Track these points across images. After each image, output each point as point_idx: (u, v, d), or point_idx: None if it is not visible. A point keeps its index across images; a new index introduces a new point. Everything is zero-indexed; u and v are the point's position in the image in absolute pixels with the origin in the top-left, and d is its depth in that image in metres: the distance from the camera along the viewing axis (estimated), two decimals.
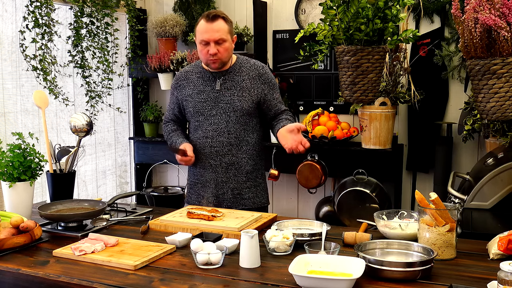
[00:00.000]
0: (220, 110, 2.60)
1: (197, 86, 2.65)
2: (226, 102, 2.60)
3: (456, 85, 3.66)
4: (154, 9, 4.45)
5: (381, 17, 2.41)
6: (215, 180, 2.64)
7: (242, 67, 2.64)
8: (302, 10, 4.00)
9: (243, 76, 2.62)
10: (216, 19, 2.50)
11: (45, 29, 3.29)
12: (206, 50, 2.52)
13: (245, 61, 2.68)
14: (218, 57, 2.52)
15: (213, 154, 2.63)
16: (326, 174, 3.73)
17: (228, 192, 2.64)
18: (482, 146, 3.60)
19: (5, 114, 3.30)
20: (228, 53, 2.56)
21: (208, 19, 2.50)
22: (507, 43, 2.04)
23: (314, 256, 1.77)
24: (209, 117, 2.62)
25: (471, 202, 2.66)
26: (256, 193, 2.70)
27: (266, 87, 2.64)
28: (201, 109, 2.62)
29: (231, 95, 2.59)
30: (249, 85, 2.61)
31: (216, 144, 2.62)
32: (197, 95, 2.64)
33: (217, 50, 2.50)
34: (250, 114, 2.62)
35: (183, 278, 1.72)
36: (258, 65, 2.68)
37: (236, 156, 2.62)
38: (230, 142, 2.61)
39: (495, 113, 2.15)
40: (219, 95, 2.60)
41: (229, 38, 2.54)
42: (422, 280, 1.67)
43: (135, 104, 4.40)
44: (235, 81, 2.61)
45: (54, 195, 2.49)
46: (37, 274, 1.77)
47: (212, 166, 2.64)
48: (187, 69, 2.73)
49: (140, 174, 4.43)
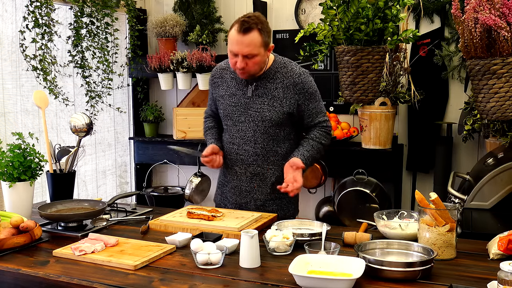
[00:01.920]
0: (248, 117, 2.47)
1: (230, 87, 2.53)
2: (255, 110, 2.46)
3: (456, 85, 3.66)
4: (154, 9, 4.45)
5: (381, 17, 2.41)
6: (239, 188, 2.55)
7: (277, 73, 2.47)
8: (302, 10, 4.00)
9: (276, 84, 2.45)
10: (249, 31, 2.30)
11: (45, 29, 3.29)
12: (234, 61, 2.37)
13: (282, 66, 2.49)
14: (245, 71, 2.38)
15: (239, 161, 2.53)
16: (326, 174, 3.73)
17: (251, 202, 2.54)
18: (482, 146, 3.60)
19: (5, 114, 3.30)
20: (258, 66, 2.40)
21: (240, 30, 2.31)
22: (507, 43, 2.04)
23: (314, 256, 1.77)
24: (237, 123, 2.51)
25: (471, 202, 2.66)
26: (281, 206, 2.56)
27: (301, 97, 2.46)
28: (230, 113, 2.52)
29: (261, 104, 2.45)
30: (281, 94, 2.44)
31: (242, 152, 2.51)
32: (228, 98, 2.52)
33: (245, 64, 2.35)
34: (280, 124, 2.47)
35: (183, 278, 1.72)
36: (295, 72, 2.47)
37: (261, 167, 2.51)
38: (256, 152, 2.49)
39: (495, 113, 2.15)
40: (249, 102, 2.47)
41: (261, 51, 2.35)
42: (422, 280, 1.67)
43: (135, 104, 4.39)
44: (267, 88, 2.46)
45: (54, 195, 2.49)
46: (37, 274, 1.77)
47: (237, 173, 2.54)
48: (223, 66, 2.59)
49: (140, 174, 4.43)
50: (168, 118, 4.45)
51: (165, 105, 4.50)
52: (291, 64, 2.51)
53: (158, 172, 4.63)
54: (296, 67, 2.50)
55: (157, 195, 4.09)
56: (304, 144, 2.50)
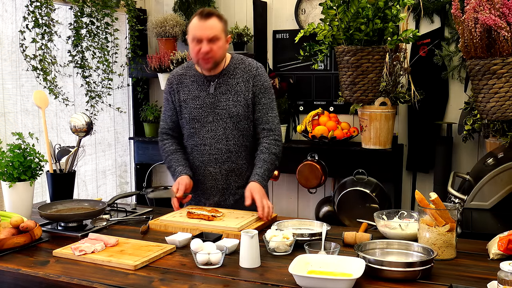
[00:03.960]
0: (216, 116, 2.48)
1: (191, 90, 2.52)
2: (222, 108, 2.47)
3: (456, 85, 3.66)
4: (154, 9, 4.45)
5: (381, 17, 2.41)
6: (216, 187, 2.55)
7: (236, 69, 2.50)
8: (302, 10, 4.00)
9: (237, 79, 2.49)
10: (209, 17, 2.38)
11: (45, 29, 3.29)
12: (198, 48, 2.38)
13: (240, 61, 2.53)
14: (211, 56, 2.38)
15: (212, 161, 2.52)
16: (326, 174, 3.73)
17: (230, 198, 2.55)
18: (482, 146, 3.60)
19: (5, 114, 3.30)
20: (222, 52, 2.42)
21: (201, 17, 2.38)
22: (507, 43, 2.04)
23: (314, 256, 1.77)
24: (206, 124, 2.50)
25: (471, 202, 2.66)
26: None
27: (257, 89, 2.49)
28: (197, 116, 2.50)
29: (226, 100, 2.47)
30: (243, 88, 2.48)
31: (214, 151, 2.50)
32: (192, 101, 2.51)
33: (210, 48, 2.36)
34: (247, 118, 2.49)
35: (183, 278, 1.72)
36: (253, 65, 2.52)
37: (235, 163, 2.52)
38: (229, 149, 2.50)
39: (495, 113, 2.15)
40: (214, 101, 2.48)
41: (223, 36, 2.41)
42: (422, 280, 1.67)
43: (135, 104, 4.40)
44: (229, 84, 2.48)
45: (54, 195, 2.49)
46: (37, 274, 1.77)
47: (212, 173, 2.53)
48: (180, 72, 2.59)
49: (140, 174, 4.43)
50: None
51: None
52: (248, 59, 2.56)
53: (158, 172, 4.63)
54: (253, 61, 2.55)
55: None
56: (256, 163, 2.47)
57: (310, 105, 4.04)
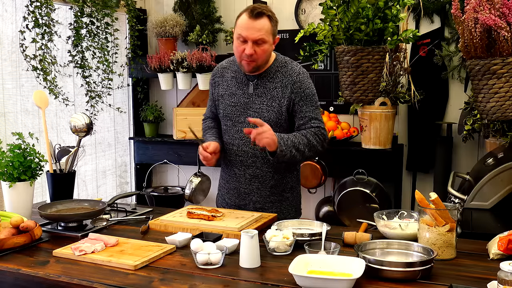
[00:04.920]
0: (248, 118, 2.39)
1: (230, 86, 2.47)
2: (254, 111, 2.40)
3: (456, 85, 3.66)
4: (154, 9, 4.45)
5: (381, 17, 2.41)
6: (238, 189, 2.51)
7: (277, 72, 2.41)
8: (302, 10, 4.00)
9: (275, 83, 2.39)
10: (260, 16, 2.26)
11: (45, 29, 3.29)
12: (242, 48, 2.30)
13: (283, 65, 2.43)
14: (253, 59, 2.31)
15: (238, 163, 2.48)
16: (326, 174, 3.73)
17: (250, 204, 2.50)
18: (482, 146, 3.60)
19: (5, 114, 3.30)
20: (265, 57, 2.34)
21: (251, 15, 2.26)
22: (507, 43, 2.04)
23: (314, 256, 1.77)
24: (237, 123, 2.45)
25: (471, 202, 2.66)
26: (281, 209, 2.50)
27: (297, 96, 2.38)
28: (229, 114, 2.46)
29: (260, 104, 2.40)
30: (280, 94, 2.38)
31: (240, 153, 2.46)
32: (228, 97, 2.47)
33: (254, 51, 2.28)
34: (279, 125, 2.39)
35: (183, 278, 1.72)
36: (294, 71, 2.41)
37: (260, 169, 2.45)
38: (255, 154, 2.43)
39: (495, 113, 2.15)
40: (249, 101, 2.42)
41: (270, 39, 2.31)
42: (422, 280, 1.67)
43: (135, 104, 4.40)
44: (267, 87, 2.40)
45: (54, 195, 2.49)
46: (37, 274, 1.77)
47: (236, 175, 2.49)
48: (224, 65, 2.54)
49: (140, 174, 4.43)
50: (168, 118, 4.45)
51: (165, 105, 4.50)
52: (292, 63, 2.46)
53: (158, 172, 4.63)
54: (297, 66, 2.45)
55: (157, 195, 4.09)
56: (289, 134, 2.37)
57: None
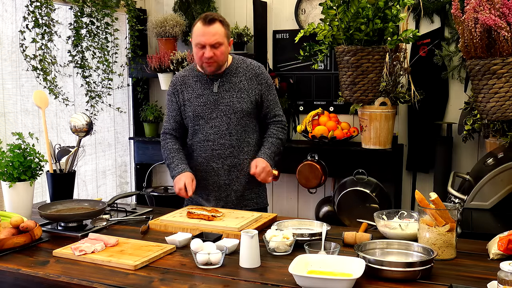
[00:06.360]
0: (220, 112, 2.57)
1: (195, 89, 2.61)
2: (225, 104, 2.57)
3: (456, 85, 3.66)
4: (154, 9, 4.45)
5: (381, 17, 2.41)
6: (218, 183, 2.61)
7: (238, 68, 2.62)
8: (302, 10, 4.00)
9: (240, 77, 2.60)
10: (213, 22, 2.48)
11: (45, 29, 3.29)
12: (201, 53, 2.49)
13: (241, 61, 2.65)
14: (214, 60, 2.49)
15: (215, 157, 2.59)
16: (326, 174, 3.73)
17: (232, 194, 2.62)
18: (482, 146, 3.60)
19: (5, 114, 3.30)
20: (224, 57, 2.53)
21: (205, 22, 2.48)
22: (507, 43, 2.04)
23: (314, 256, 1.77)
24: (210, 120, 2.58)
25: (471, 202, 2.66)
26: (258, 194, 2.69)
27: (263, 87, 2.62)
28: (201, 113, 2.59)
29: (230, 97, 2.57)
30: (246, 86, 2.59)
31: (217, 147, 2.58)
32: (196, 99, 2.60)
33: (213, 54, 2.48)
34: (250, 115, 2.61)
35: (183, 278, 1.72)
36: (254, 65, 2.65)
37: (238, 158, 2.60)
38: (232, 144, 2.58)
39: (495, 113, 2.15)
40: (218, 98, 2.58)
41: (225, 41, 2.52)
42: (422, 280, 1.67)
43: (135, 104, 4.40)
44: (232, 82, 2.59)
45: (54, 195, 2.49)
46: (37, 274, 1.77)
47: (214, 169, 2.60)
48: (183, 74, 2.69)
49: (140, 174, 4.43)
50: None
51: (165, 105, 4.50)
52: (248, 59, 2.69)
53: (158, 172, 4.63)
54: (254, 61, 2.68)
55: (157, 195, 4.09)
56: (264, 144, 2.64)
57: (310, 105, 4.04)
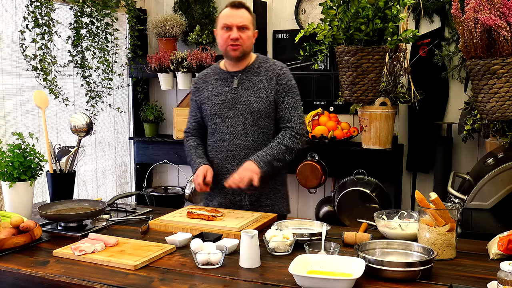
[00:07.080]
0: (237, 111, 2.49)
1: (215, 87, 2.56)
2: (243, 103, 2.49)
3: (456, 85, 3.66)
4: (154, 9, 4.45)
5: (381, 17, 2.41)
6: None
7: (260, 67, 2.55)
8: (302, 10, 4.00)
9: (261, 76, 2.52)
10: (241, 7, 2.49)
11: (45, 29, 3.29)
12: (227, 35, 2.46)
13: (265, 61, 2.58)
14: (239, 44, 2.45)
15: (230, 158, 2.51)
16: (326, 174, 3.73)
17: (246, 198, 2.52)
18: (482, 146, 3.60)
19: (5, 114, 3.30)
20: (249, 42, 2.50)
21: (233, 6, 2.49)
22: (507, 43, 2.04)
23: (314, 256, 1.77)
24: (226, 119, 2.51)
25: (471, 202, 2.66)
26: (275, 201, 2.57)
27: (280, 88, 2.50)
28: (218, 111, 2.52)
29: (248, 96, 2.49)
30: (266, 85, 2.50)
31: (233, 147, 2.50)
32: (214, 97, 2.54)
33: (239, 36, 2.45)
34: (268, 116, 2.50)
35: (183, 278, 1.72)
36: (277, 65, 2.57)
37: None
38: (248, 146, 2.49)
39: (495, 113, 2.15)
40: (236, 96, 2.50)
41: (251, 28, 2.50)
42: (422, 280, 1.67)
43: (135, 104, 4.40)
44: (252, 81, 2.51)
45: (54, 195, 2.49)
46: (37, 274, 1.77)
47: (229, 171, 2.48)
48: (206, 72, 2.66)
49: (140, 174, 4.43)
50: (168, 118, 4.45)
51: (165, 105, 4.51)
52: (272, 59, 2.62)
53: (158, 172, 4.63)
54: (278, 62, 2.61)
55: (157, 195, 4.09)
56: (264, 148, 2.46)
57: (310, 105, 4.04)
